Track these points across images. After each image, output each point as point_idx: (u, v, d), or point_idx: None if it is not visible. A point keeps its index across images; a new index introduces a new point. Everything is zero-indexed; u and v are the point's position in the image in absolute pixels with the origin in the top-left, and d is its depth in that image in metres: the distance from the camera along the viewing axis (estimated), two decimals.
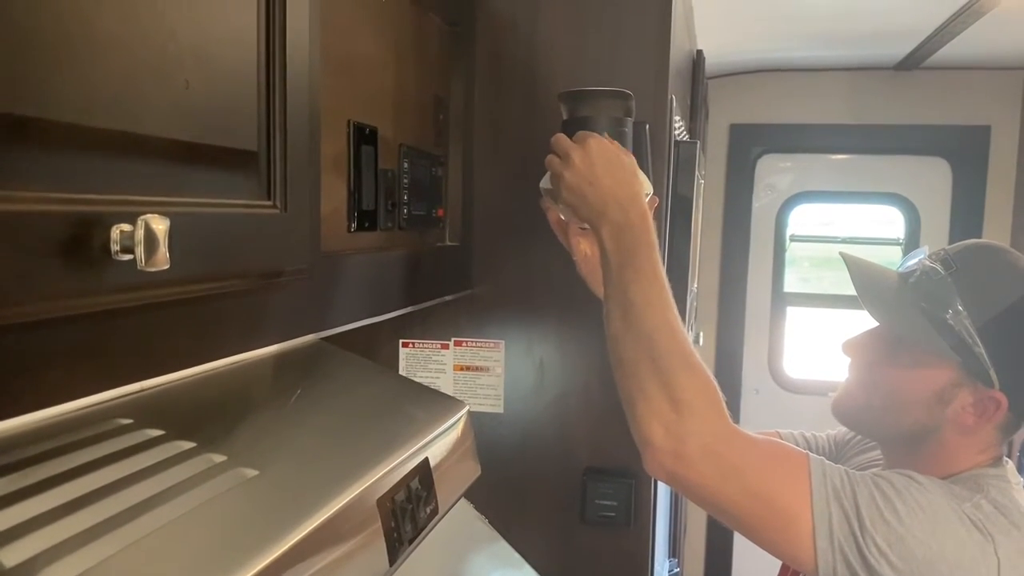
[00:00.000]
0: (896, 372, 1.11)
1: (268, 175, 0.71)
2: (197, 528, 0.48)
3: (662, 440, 0.97)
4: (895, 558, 0.93)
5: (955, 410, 1.06)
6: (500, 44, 1.39)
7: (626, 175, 1.05)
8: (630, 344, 1.01)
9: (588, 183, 1.04)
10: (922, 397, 1.08)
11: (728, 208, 3.23)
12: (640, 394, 0.99)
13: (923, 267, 1.10)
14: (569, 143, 1.07)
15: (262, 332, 0.77)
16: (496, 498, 1.44)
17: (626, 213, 1.03)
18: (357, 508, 0.58)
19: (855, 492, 0.97)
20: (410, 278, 1.16)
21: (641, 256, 1.02)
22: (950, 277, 1.06)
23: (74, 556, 0.41)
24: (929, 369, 1.07)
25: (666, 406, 0.97)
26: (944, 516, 0.96)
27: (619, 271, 1.02)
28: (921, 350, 1.07)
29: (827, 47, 2.83)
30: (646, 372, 0.99)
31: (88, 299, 0.52)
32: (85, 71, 0.50)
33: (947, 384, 1.06)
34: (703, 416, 0.98)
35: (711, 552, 3.33)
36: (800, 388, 3.22)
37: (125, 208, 0.53)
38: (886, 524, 0.94)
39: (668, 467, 0.98)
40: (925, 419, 1.08)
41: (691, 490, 1.01)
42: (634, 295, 1.01)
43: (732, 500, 0.99)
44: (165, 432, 0.55)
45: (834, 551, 0.95)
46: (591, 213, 1.05)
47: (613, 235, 1.03)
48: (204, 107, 0.62)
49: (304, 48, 0.72)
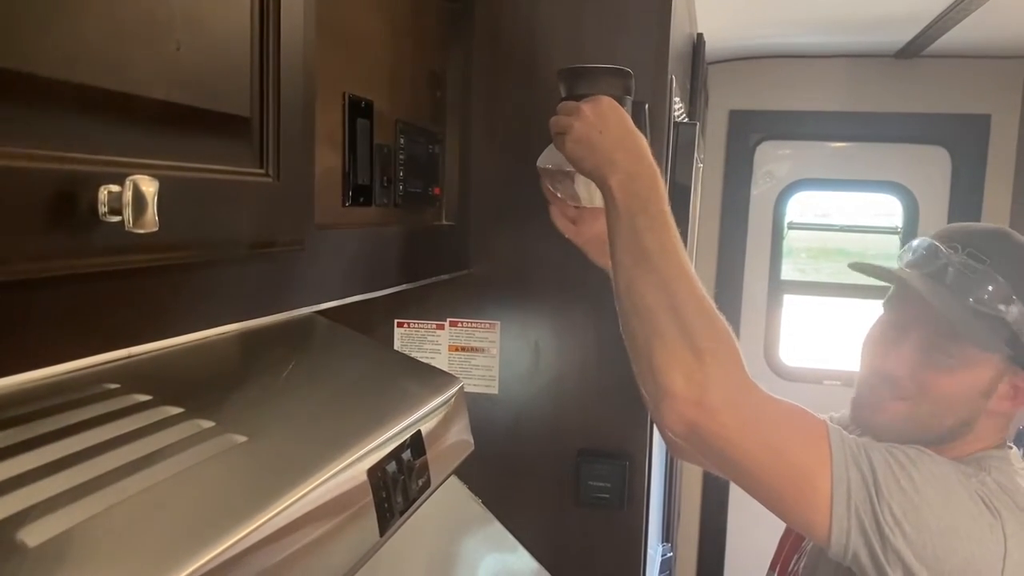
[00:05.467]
0: (943, 377, 1.07)
1: (261, 142, 0.70)
2: (182, 491, 0.47)
3: (683, 388, 0.93)
4: (909, 528, 0.92)
5: (995, 400, 1.06)
6: (499, 21, 1.37)
7: (634, 130, 1.04)
8: (647, 293, 0.98)
9: (598, 131, 1.02)
10: (969, 396, 1.07)
11: (726, 195, 3.22)
12: (659, 342, 0.96)
13: (955, 263, 1.06)
14: (578, 103, 1.05)
15: (254, 303, 0.76)
16: (490, 479, 1.44)
17: (637, 161, 1.01)
18: (347, 477, 0.58)
19: (871, 459, 0.95)
20: (405, 255, 1.15)
21: (654, 204, 1.00)
22: (993, 270, 1.04)
23: (56, 515, 0.40)
24: (977, 367, 1.06)
25: (688, 354, 0.94)
26: (956, 490, 0.96)
27: (631, 219, 0.99)
28: (969, 349, 1.04)
29: (827, 34, 2.82)
30: (665, 321, 0.96)
31: (74, 260, 0.51)
32: (72, 28, 0.49)
33: (993, 377, 1.06)
34: (725, 365, 0.95)
35: (705, 539, 3.33)
36: (797, 376, 3.22)
37: (114, 169, 0.52)
38: (902, 492, 0.93)
39: (689, 417, 0.94)
40: (966, 415, 1.07)
41: (710, 443, 0.96)
42: (650, 243, 0.98)
43: (751, 454, 0.95)
44: (152, 398, 0.55)
45: (850, 516, 0.93)
46: (600, 161, 1.02)
47: (624, 183, 1.00)
48: (195, 70, 0.61)
49: (299, 12, 0.71)
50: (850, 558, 0.95)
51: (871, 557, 0.93)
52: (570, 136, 1.04)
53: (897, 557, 0.92)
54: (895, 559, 0.92)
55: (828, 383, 3.10)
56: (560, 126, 1.06)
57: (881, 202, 3.22)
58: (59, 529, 0.40)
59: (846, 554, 0.95)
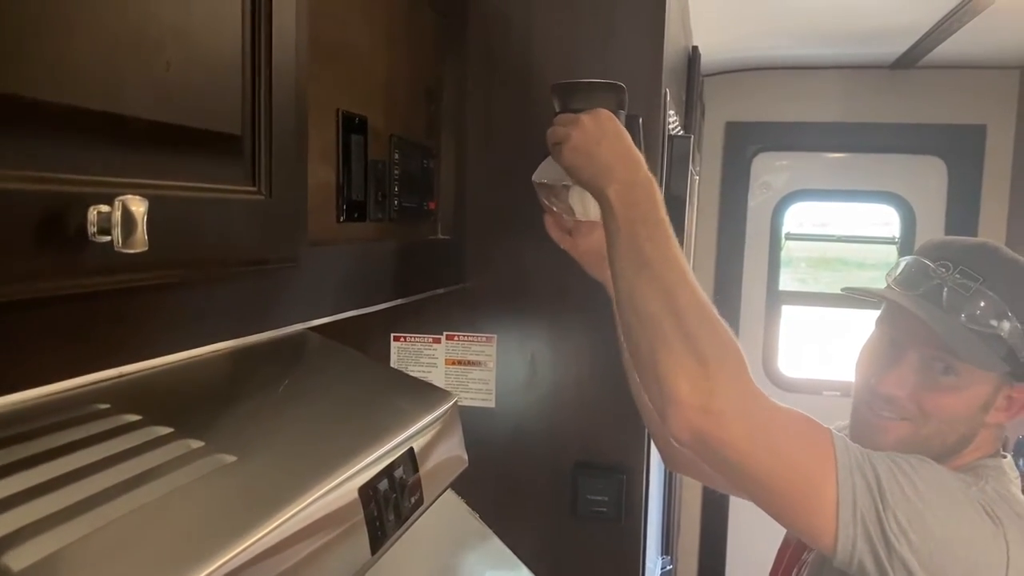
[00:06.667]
0: (944, 398, 1.07)
1: (252, 160, 0.70)
2: (169, 513, 0.47)
3: (689, 395, 0.93)
4: (914, 536, 0.92)
5: (991, 413, 1.07)
6: (493, 36, 1.38)
7: (631, 143, 1.05)
8: (650, 301, 0.97)
9: (596, 142, 1.03)
10: (970, 413, 1.07)
11: (724, 206, 3.23)
12: (664, 350, 0.95)
13: (948, 283, 1.06)
14: (577, 115, 1.06)
15: (246, 321, 0.76)
16: (487, 493, 1.43)
17: (635, 171, 1.02)
18: (337, 495, 0.58)
19: (875, 467, 0.95)
20: (400, 270, 1.15)
21: (653, 213, 1.00)
22: (984, 287, 1.04)
23: (41, 538, 0.40)
24: (977, 384, 1.06)
25: (692, 361, 0.94)
26: (958, 498, 0.96)
27: (631, 228, 1.00)
28: (967, 367, 1.04)
29: (823, 45, 2.83)
30: (669, 328, 0.95)
31: (64, 280, 0.51)
32: (61, 48, 0.49)
33: (991, 392, 1.06)
34: (731, 372, 0.95)
35: (705, 551, 3.32)
36: (796, 387, 3.21)
37: (103, 189, 0.52)
38: (907, 500, 0.93)
39: (695, 424, 0.93)
40: (968, 431, 1.08)
41: (717, 450, 0.95)
42: (651, 251, 0.98)
43: (759, 462, 0.95)
44: (142, 417, 0.54)
45: (856, 524, 0.93)
46: (597, 171, 1.03)
47: (623, 192, 1.01)
48: (186, 89, 0.61)
49: (291, 30, 0.72)
50: (855, 566, 0.95)
51: (876, 565, 0.93)
52: (568, 145, 1.05)
53: (902, 565, 0.92)
54: (900, 567, 0.92)
55: (828, 394, 3.09)
56: (558, 136, 1.07)
57: (880, 211, 3.22)
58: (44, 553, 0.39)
59: (852, 562, 0.95)
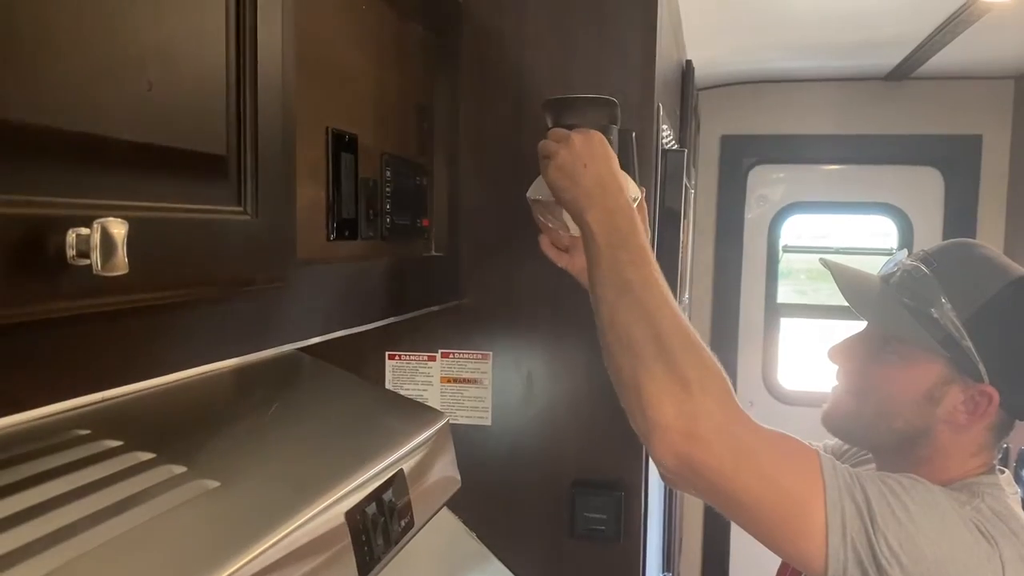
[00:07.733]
0: (885, 372, 1.10)
1: (239, 180, 0.69)
2: (152, 540, 0.46)
3: (673, 420, 0.93)
4: (906, 559, 0.90)
5: (946, 409, 1.05)
6: (485, 53, 1.38)
7: (618, 171, 1.07)
8: (632, 326, 0.98)
9: (583, 164, 1.04)
10: (912, 397, 1.07)
11: (720, 219, 3.23)
12: (647, 375, 0.95)
13: (904, 266, 1.11)
14: (570, 132, 1.07)
15: (233, 342, 0.75)
16: (483, 511, 1.42)
17: (615, 198, 1.03)
18: (323, 521, 0.56)
19: (864, 488, 0.94)
20: (393, 288, 1.14)
21: (633, 238, 1.01)
22: (932, 273, 1.07)
23: (24, 566, 0.39)
24: (918, 367, 1.07)
25: (676, 386, 0.94)
26: (950, 518, 0.94)
27: (612, 253, 1.01)
28: (909, 348, 1.07)
29: (817, 58, 2.83)
30: (651, 353, 0.95)
31: (43, 304, 0.50)
32: (38, 68, 0.48)
33: (937, 381, 1.06)
34: (714, 395, 0.95)
35: (707, 568, 3.29)
36: (795, 400, 3.20)
37: (82, 212, 0.51)
38: (897, 522, 0.92)
39: (680, 449, 0.93)
40: (916, 420, 1.07)
41: (703, 475, 0.95)
42: (631, 276, 0.99)
43: (745, 485, 0.94)
44: (124, 443, 0.53)
45: (846, 548, 0.91)
46: (581, 194, 1.04)
47: (605, 218, 1.02)
48: (168, 109, 0.61)
49: (276, 48, 0.71)
50: None
51: None
52: (554, 163, 1.06)
53: None
54: None
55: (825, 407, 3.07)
56: (547, 151, 1.07)
57: (879, 222, 3.22)
58: None
59: None
